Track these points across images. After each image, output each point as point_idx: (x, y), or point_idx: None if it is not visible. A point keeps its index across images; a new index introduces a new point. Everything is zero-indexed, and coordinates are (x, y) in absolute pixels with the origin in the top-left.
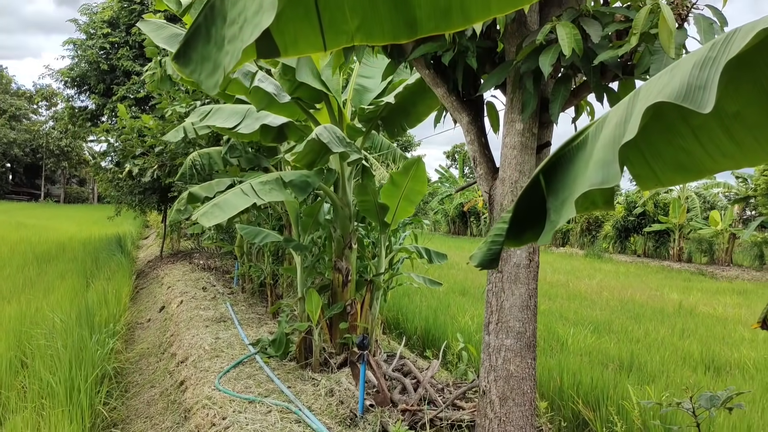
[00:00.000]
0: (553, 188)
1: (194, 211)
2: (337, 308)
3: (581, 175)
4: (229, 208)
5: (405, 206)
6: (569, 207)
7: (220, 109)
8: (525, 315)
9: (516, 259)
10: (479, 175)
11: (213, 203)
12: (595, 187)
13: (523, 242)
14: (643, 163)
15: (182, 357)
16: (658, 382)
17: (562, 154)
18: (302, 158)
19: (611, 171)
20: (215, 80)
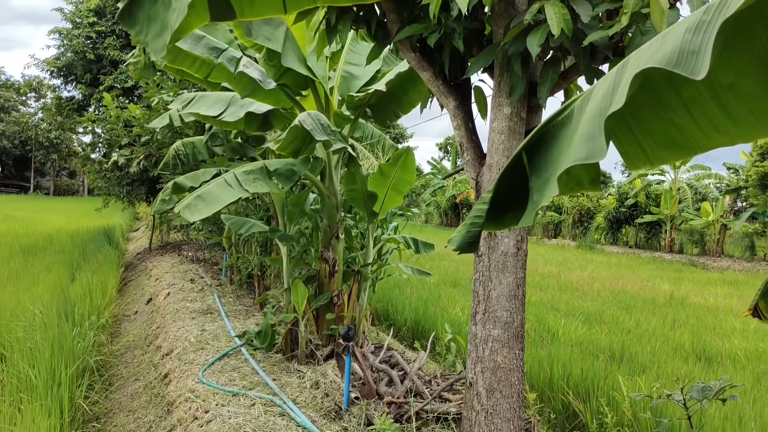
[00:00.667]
0: (536, 166)
1: (177, 203)
2: (324, 299)
3: (565, 151)
4: (214, 201)
5: (393, 196)
6: (552, 185)
7: (204, 96)
8: (513, 305)
9: (503, 247)
10: (466, 161)
11: (196, 195)
12: (580, 162)
13: (504, 224)
14: (632, 139)
15: (167, 349)
16: (648, 372)
17: (546, 131)
18: (287, 146)
19: (597, 145)
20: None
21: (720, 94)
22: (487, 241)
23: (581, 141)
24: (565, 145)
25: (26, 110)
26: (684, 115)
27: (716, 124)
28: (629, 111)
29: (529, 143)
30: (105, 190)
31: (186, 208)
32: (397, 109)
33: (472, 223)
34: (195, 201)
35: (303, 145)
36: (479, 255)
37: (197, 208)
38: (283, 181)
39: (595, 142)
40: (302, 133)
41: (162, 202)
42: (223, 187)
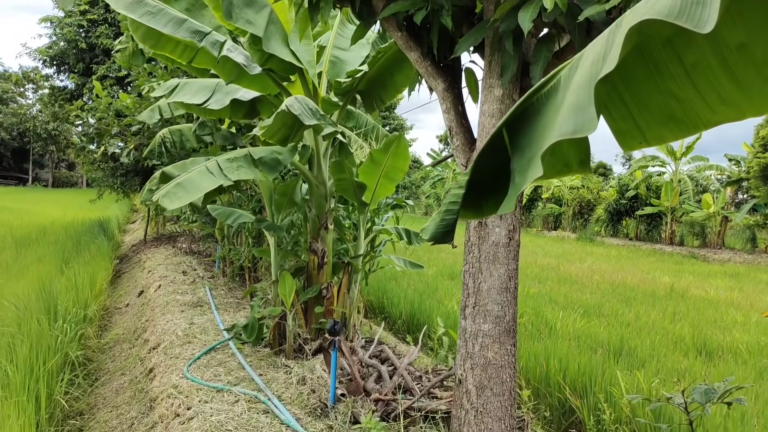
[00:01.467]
0: (518, 145)
1: (157, 192)
2: (312, 292)
3: (550, 126)
4: (194, 188)
5: (385, 184)
6: (536, 166)
7: (188, 83)
8: (504, 298)
9: (494, 237)
10: (456, 146)
11: (176, 182)
12: (566, 137)
13: (483, 212)
14: (626, 115)
15: (154, 343)
16: (648, 367)
17: (529, 105)
18: (274, 133)
19: (585, 117)
20: None
21: (728, 59)
22: (477, 231)
23: (568, 113)
24: (550, 119)
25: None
26: (686, 85)
27: (723, 94)
28: (623, 81)
29: (510, 119)
30: (99, 182)
31: (165, 196)
32: (384, 95)
33: (446, 210)
34: (175, 189)
35: (291, 133)
36: (469, 245)
37: (176, 196)
38: (267, 170)
39: (584, 114)
40: (290, 119)
41: (149, 192)
42: (204, 175)
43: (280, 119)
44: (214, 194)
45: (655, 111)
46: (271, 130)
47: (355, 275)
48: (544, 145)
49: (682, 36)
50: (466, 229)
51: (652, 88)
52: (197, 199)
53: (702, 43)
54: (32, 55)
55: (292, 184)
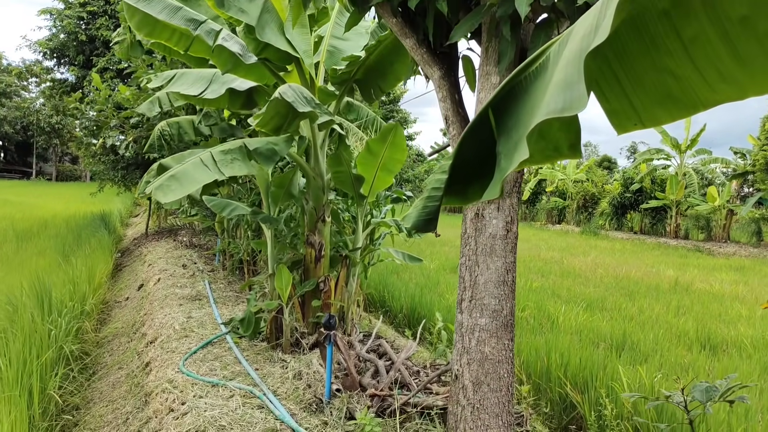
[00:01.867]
0: (504, 127)
1: (149, 184)
2: (309, 285)
3: (538, 105)
4: (189, 181)
5: (383, 176)
6: (522, 148)
7: (185, 73)
8: (502, 291)
9: (491, 229)
10: (452, 136)
11: (170, 175)
12: (554, 115)
13: (468, 198)
14: (620, 93)
15: (152, 337)
16: (651, 361)
17: (516, 83)
18: (267, 122)
19: (575, 93)
20: None
21: (729, 32)
22: (474, 223)
23: (556, 90)
24: (538, 98)
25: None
26: (684, 61)
27: (723, 71)
28: (617, 57)
29: (496, 100)
30: (100, 175)
31: (158, 188)
32: (382, 84)
33: (429, 197)
34: (168, 181)
35: (285, 122)
36: (465, 238)
37: (170, 189)
38: (263, 161)
39: (573, 90)
40: (283, 107)
41: (146, 185)
42: (198, 167)
43: (273, 107)
44: (212, 186)
45: (650, 89)
46: (265, 119)
47: (353, 268)
48: (531, 125)
49: (680, 7)
50: (463, 220)
51: (647, 64)
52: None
53: (701, 15)
54: (32, 47)
55: (289, 175)
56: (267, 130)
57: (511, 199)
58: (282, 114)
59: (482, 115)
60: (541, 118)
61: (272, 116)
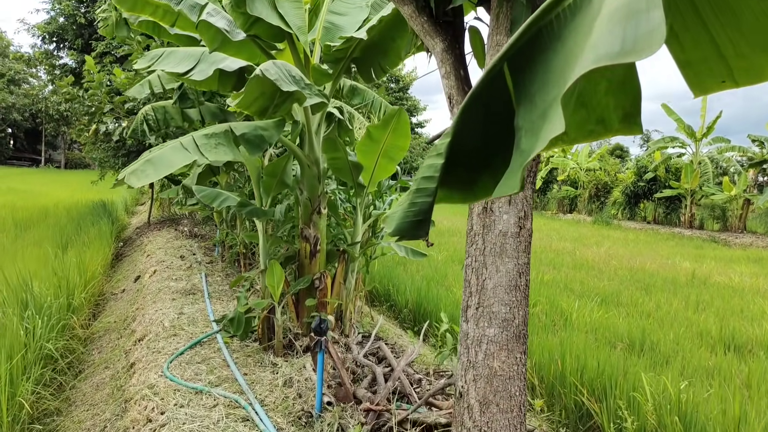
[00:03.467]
0: (525, 91)
1: (123, 170)
2: (304, 283)
3: (578, 52)
4: (164, 165)
5: (384, 164)
6: (554, 119)
7: (173, 52)
8: (513, 297)
9: (502, 226)
10: None
11: (146, 159)
12: (607, 62)
13: (475, 193)
14: (704, 37)
15: (140, 334)
16: (672, 364)
17: (543, 27)
18: (250, 103)
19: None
20: None
21: None
22: (481, 219)
23: (611, 24)
24: (578, 42)
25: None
26: None
27: None
28: None
29: (513, 52)
30: (101, 162)
31: (132, 173)
32: (383, 62)
33: (419, 190)
34: (143, 166)
35: (270, 104)
36: (472, 236)
37: (144, 174)
38: (251, 148)
39: (641, 20)
40: (268, 86)
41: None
42: (177, 151)
43: (256, 86)
44: (208, 175)
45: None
46: (247, 100)
47: (352, 264)
48: (568, 82)
49: None
50: (469, 216)
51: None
52: (189, 180)
53: None
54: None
55: (282, 163)
56: (251, 113)
57: (525, 190)
58: (267, 95)
59: (493, 75)
60: (586, 68)
61: (256, 97)
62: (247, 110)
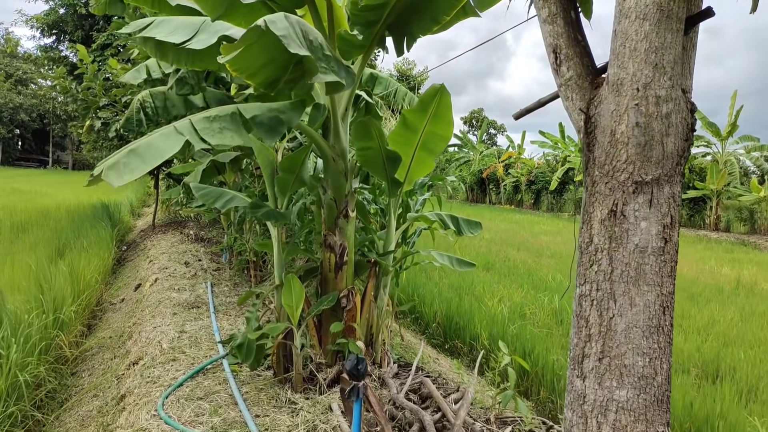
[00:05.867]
0: None
1: (99, 164)
2: (328, 302)
3: None
4: (152, 155)
5: (423, 157)
6: None
7: (167, 20)
8: (654, 343)
9: (639, 237)
10: (565, 79)
11: (129, 149)
12: None
13: None
14: None
15: (135, 357)
16: (763, 397)
17: None
18: (254, 70)
19: None
20: None
21: None
22: (607, 227)
23: None
24: None
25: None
26: None
27: None
28: None
29: None
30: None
31: (112, 168)
32: (415, 27)
33: None
34: (126, 158)
35: (282, 74)
36: (590, 251)
37: (128, 168)
38: (264, 133)
39: None
40: (278, 49)
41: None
42: (168, 137)
43: (263, 49)
44: (212, 174)
45: None
46: (247, 63)
47: (385, 278)
48: None
49: None
50: (584, 223)
51: None
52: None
53: None
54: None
55: (300, 156)
56: (255, 84)
57: (672, 186)
58: (278, 62)
59: None
60: None
61: (263, 63)
62: (250, 79)
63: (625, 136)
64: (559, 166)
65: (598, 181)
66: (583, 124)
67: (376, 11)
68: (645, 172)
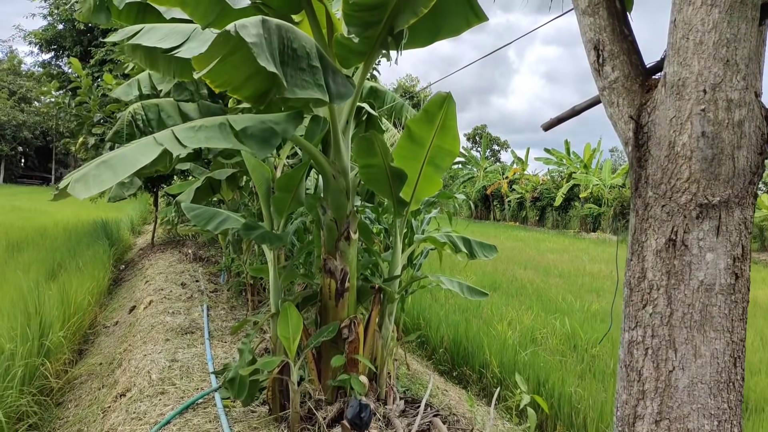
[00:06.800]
0: None
1: (67, 176)
2: (328, 332)
3: None
4: (124, 165)
5: (430, 174)
6: None
7: (156, 27)
8: (723, 403)
9: (704, 272)
10: (610, 81)
11: (101, 161)
12: None
13: None
14: None
15: (123, 388)
16: None
17: None
18: (235, 80)
19: None
20: None
21: None
22: (665, 259)
23: None
24: None
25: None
26: None
27: None
28: None
29: None
30: None
31: (79, 180)
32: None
33: None
34: (96, 170)
35: (271, 86)
36: (642, 287)
37: (99, 179)
38: (256, 146)
39: None
40: (245, 57)
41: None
42: (146, 147)
43: (244, 59)
44: (207, 193)
45: None
46: (230, 77)
47: (390, 305)
48: None
49: None
50: (633, 254)
51: None
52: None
53: None
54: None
55: (298, 174)
56: (243, 99)
57: (744, 209)
58: (264, 74)
59: None
60: None
61: (248, 75)
62: (235, 93)
63: (688, 149)
64: (564, 182)
65: (652, 204)
66: (633, 134)
67: (374, 12)
68: (712, 193)
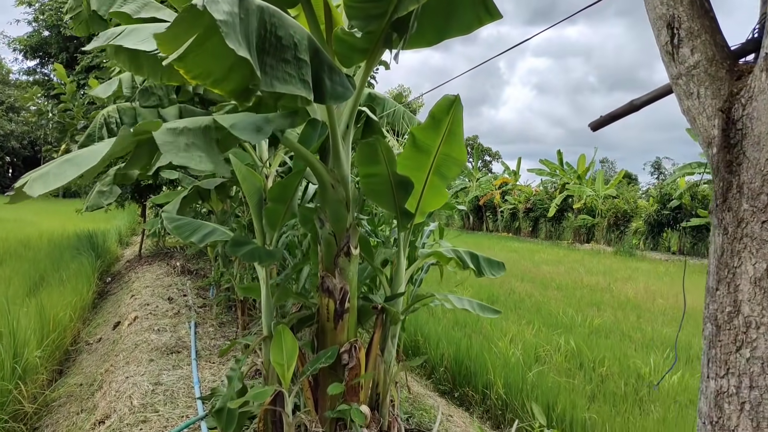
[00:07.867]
0: None
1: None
2: (326, 358)
3: None
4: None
5: (436, 185)
6: None
7: (139, 28)
8: None
9: None
10: (688, 66)
11: (65, 159)
12: None
13: None
14: None
15: (101, 415)
16: None
17: None
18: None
19: None
20: None
21: None
22: (764, 290)
23: None
24: None
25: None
26: None
27: None
28: None
29: None
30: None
31: (38, 179)
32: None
33: None
34: (59, 168)
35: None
36: (731, 324)
37: (60, 176)
38: (248, 134)
39: None
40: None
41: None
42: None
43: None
44: (193, 200)
45: None
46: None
47: (393, 326)
48: None
49: None
50: (720, 279)
51: None
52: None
53: None
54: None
55: (293, 183)
56: (224, 93)
57: None
58: (243, 65)
59: None
60: None
61: (231, 63)
62: (216, 87)
63: None
64: (557, 193)
65: (748, 219)
66: (720, 131)
67: (379, 2)
68: None
